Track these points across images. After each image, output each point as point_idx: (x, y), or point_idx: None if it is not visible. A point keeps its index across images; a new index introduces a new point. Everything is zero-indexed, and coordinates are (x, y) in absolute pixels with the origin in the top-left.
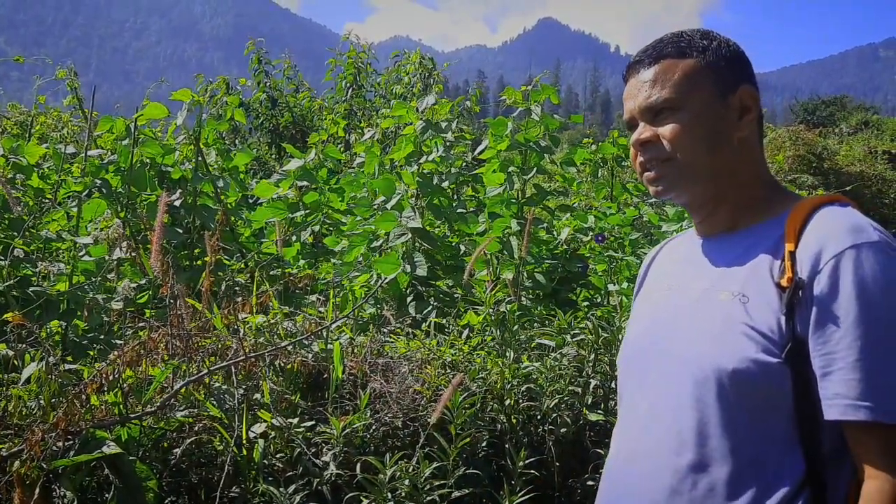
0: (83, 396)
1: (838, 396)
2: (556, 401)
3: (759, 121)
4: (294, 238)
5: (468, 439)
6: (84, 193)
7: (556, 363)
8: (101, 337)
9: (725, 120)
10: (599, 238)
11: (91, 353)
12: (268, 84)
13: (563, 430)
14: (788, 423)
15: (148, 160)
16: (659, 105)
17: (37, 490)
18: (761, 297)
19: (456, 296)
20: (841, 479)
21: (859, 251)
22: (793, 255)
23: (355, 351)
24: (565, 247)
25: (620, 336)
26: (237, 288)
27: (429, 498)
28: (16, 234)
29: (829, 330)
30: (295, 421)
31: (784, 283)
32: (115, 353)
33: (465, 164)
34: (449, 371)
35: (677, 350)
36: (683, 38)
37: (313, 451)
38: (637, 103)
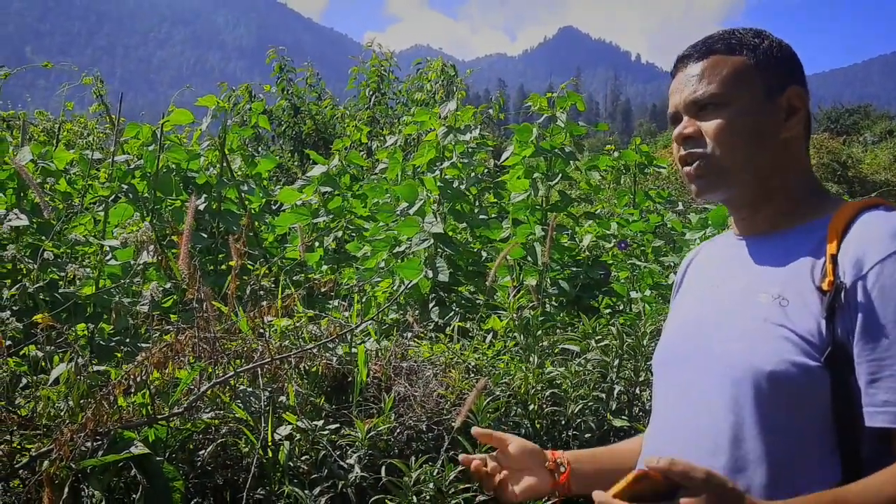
0: (111, 397)
1: (888, 404)
2: (581, 406)
3: (807, 123)
4: (317, 243)
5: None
6: (111, 198)
7: (581, 368)
8: (128, 340)
9: (772, 119)
10: (622, 245)
11: (118, 355)
12: (290, 92)
13: (587, 435)
14: (825, 427)
15: (173, 166)
16: (705, 99)
17: (65, 490)
18: (801, 301)
19: (478, 302)
20: None
21: None
22: (835, 258)
23: (379, 354)
24: (588, 253)
25: (645, 342)
26: (262, 292)
27: (453, 501)
28: (44, 237)
29: (876, 336)
30: (320, 423)
31: (825, 286)
32: (143, 355)
33: (487, 170)
34: (473, 375)
35: (713, 351)
36: (735, 35)
37: (338, 453)
38: (683, 97)
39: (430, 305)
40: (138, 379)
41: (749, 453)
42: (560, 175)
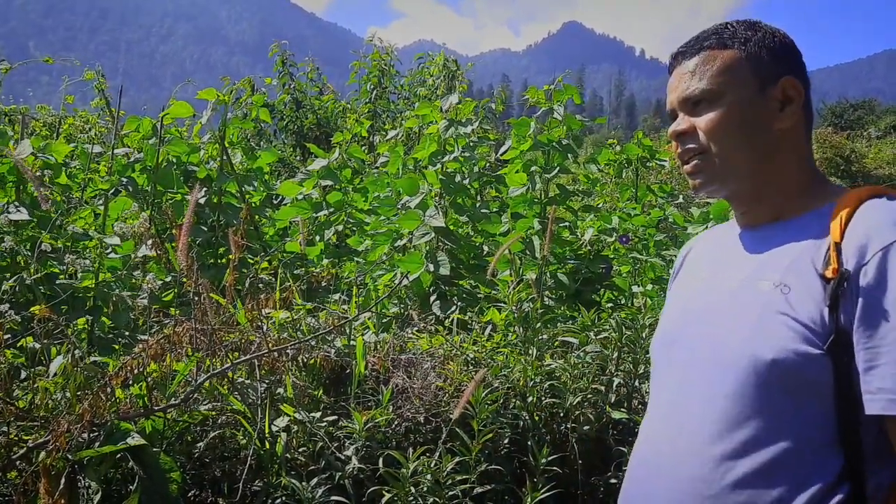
0: (108, 389)
1: (882, 391)
2: (580, 398)
3: (807, 112)
4: (318, 237)
5: (490, 435)
6: (111, 192)
7: (580, 361)
8: (127, 333)
9: (765, 112)
10: (624, 239)
11: (116, 347)
12: (292, 86)
13: (585, 427)
14: (827, 416)
15: (174, 159)
16: (697, 96)
17: (62, 480)
18: (803, 288)
19: (479, 295)
20: (882, 476)
21: None
22: (838, 246)
23: (378, 347)
24: (589, 248)
25: (644, 335)
26: (261, 285)
27: (451, 493)
28: (43, 230)
29: (875, 323)
30: (317, 415)
31: (829, 274)
32: (140, 346)
33: (488, 164)
34: (471, 367)
35: (715, 338)
36: (727, 29)
37: (336, 445)
38: (677, 94)
39: (432, 299)
40: (135, 370)
41: (749, 441)
42: (558, 169)
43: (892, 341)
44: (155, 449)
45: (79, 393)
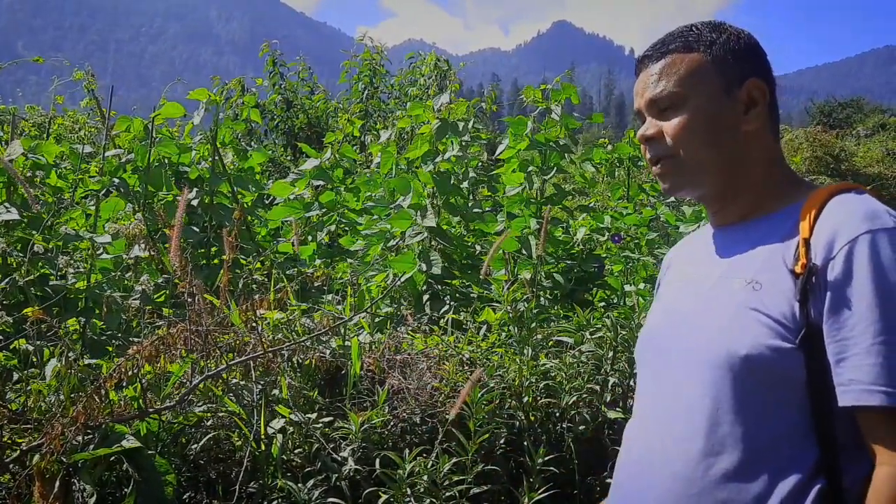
0: (102, 391)
1: (853, 382)
2: (575, 398)
3: (773, 113)
4: (310, 238)
5: (487, 436)
6: (102, 192)
7: (575, 360)
8: (119, 335)
9: (731, 114)
10: (616, 238)
11: (109, 348)
12: (283, 86)
13: (581, 427)
14: (802, 410)
15: (165, 160)
16: (663, 100)
17: (56, 483)
18: (774, 284)
19: (472, 295)
20: (858, 469)
21: (874, 236)
22: (807, 241)
23: (373, 347)
24: (582, 247)
25: (638, 333)
26: (254, 285)
27: (447, 494)
28: (35, 231)
29: (843, 315)
30: (313, 416)
31: (798, 269)
32: (134, 348)
33: (480, 163)
34: (467, 368)
35: (691, 338)
36: (692, 31)
37: (331, 446)
38: (644, 98)
39: (425, 299)
40: (129, 372)
41: (725, 437)
42: (555, 168)
43: (861, 333)
44: (150, 451)
45: (72, 395)
